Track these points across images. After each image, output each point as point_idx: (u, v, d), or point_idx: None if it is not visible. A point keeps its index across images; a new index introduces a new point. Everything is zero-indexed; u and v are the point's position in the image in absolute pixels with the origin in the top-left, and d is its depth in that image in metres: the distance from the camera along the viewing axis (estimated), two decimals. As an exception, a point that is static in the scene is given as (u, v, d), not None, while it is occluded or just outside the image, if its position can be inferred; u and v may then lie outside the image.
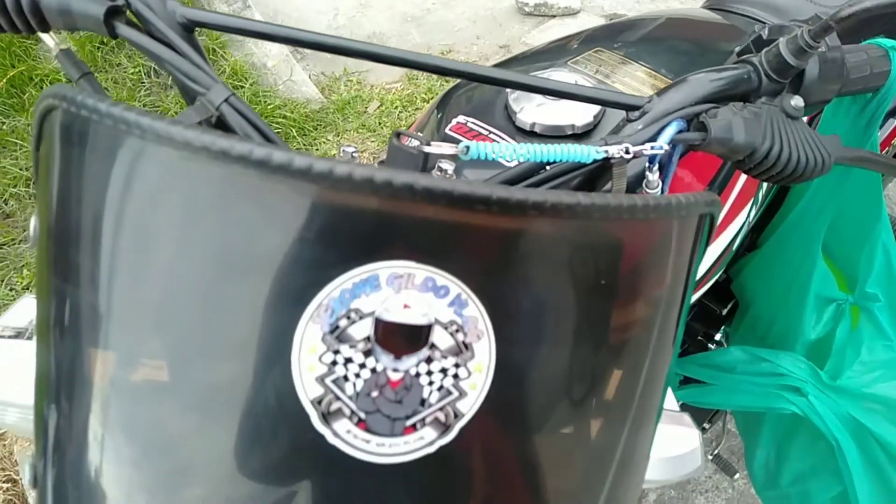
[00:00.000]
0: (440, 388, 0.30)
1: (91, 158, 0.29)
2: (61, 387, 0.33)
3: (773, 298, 0.87)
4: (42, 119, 0.32)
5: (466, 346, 0.30)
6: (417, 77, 2.36)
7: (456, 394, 0.30)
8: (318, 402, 0.29)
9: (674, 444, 0.58)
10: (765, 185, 0.82)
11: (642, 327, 0.34)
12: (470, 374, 0.30)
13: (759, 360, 0.83)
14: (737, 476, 1.34)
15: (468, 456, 0.31)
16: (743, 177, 0.76)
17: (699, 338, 1.13)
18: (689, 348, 1.11)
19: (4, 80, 2.19)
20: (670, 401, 0.62)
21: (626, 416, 0.35)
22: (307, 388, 0.29)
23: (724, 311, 1.12)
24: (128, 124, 0.28)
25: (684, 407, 0.97)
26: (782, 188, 0.98)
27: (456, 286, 0.29)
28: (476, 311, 0.30)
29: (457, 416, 0.30)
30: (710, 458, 1.33)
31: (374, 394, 0.29)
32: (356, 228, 0.28)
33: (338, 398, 0.29)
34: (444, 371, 0.30)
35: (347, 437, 0.29)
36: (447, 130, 0.66)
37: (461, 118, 0.67)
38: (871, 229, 0.76)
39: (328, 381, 0.29)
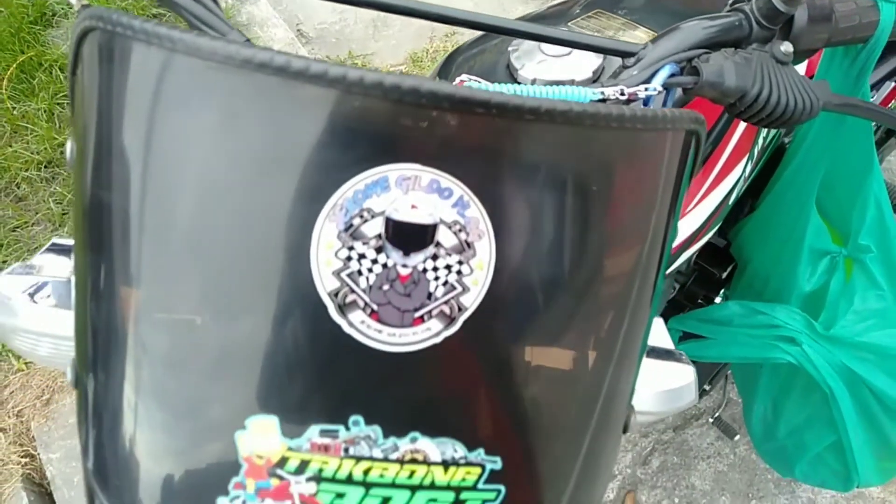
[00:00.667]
0: (445, 283, 0.33)
1: (124, 73, 0.32)
2: (99, 293, 0.36)
3: (770, 255, 0.90)
4: (79, 42, 0.35)
5: (469, 244, 0.33)
6: (422, 59, 2.38)
7: (459, 289, 0.33)
8: (334, 295, 0.32)
9: (670, 378, 0.61)
10: (760, 141, 0.84)
11: (633, 234, 0.37)
12: (472, 270, 0.33)
13: (756, 313, 0.86)
14: (737, 437, 1.37)
15: (471, 346, 0.34)
16: (737, 133, 0.79)
17: (699, 301, 1.15)
18: (688, 311, 1.14)
19: (14, 66, 2.23)
20: (667, 341, 0.65)
21: (620, 315, 0.38)
22: (325, 282, 0.32)
23: (724, 275, 1.14)
24: (159, 38, 0.31)
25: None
26: (779, 149, 1.00)
27: (458, 188, 0.32)
28: (477, 213, 0.32)
29: (460, 309, 0.33)
30: (712, 420, 1.36)
31: (386, 287, 0.32)
32: (367, 131, 0.31)
33: (352, 291, 0.32)
34: (448, 268, 0.33)
35: (361, 328, 0.32)
36: None
37: (464, 76, 0.70)
38: (864, 182, 0.78)
39: (343, 275, 0.32)
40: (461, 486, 0.35)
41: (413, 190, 0.32)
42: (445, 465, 0.35)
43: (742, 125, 0.78)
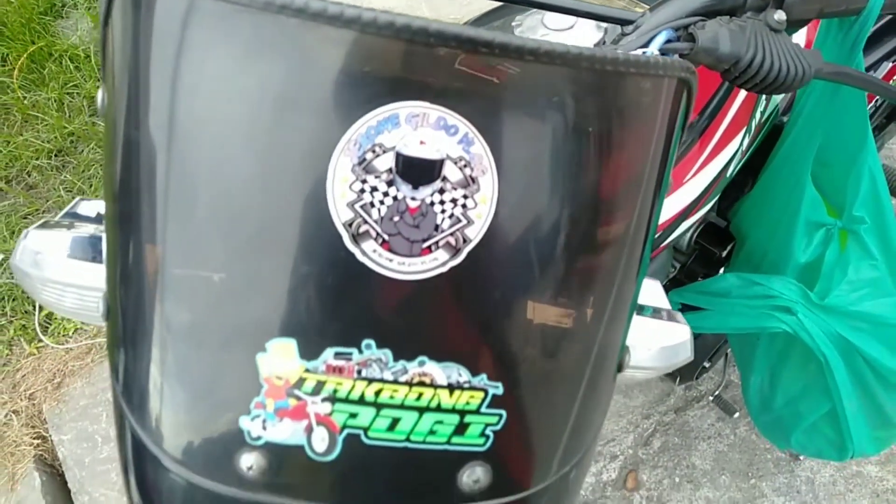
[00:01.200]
0: (451, 215, 0.35)
1: (150, 18, 0.35)
2: (129, 226, 0.38)
3: (767, 229, 0.92)
4: None
5: (473, 179, 0.35)
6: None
7: (464, 221, 0.35)
8: (349, 225, 0.34)
9: (666, 336, 0.63)
10: (757, 115, 0.86)
11: (629, 176, 0.39)
12: (476, 204, 0.35)
13: (753, 284, 0.88)
14: (736, 414, 1.39)
15: (475, 276, 0.36)
16: (735, 106, 0.81)
17: (699, 279, 1.17)
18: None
19: (25, 56, 2.26)
20: (664, 301, 0.67)
21: (617, 248, 0.40)
22: (340, 213, 0.34)
23: (724, 254, 1.16)
24: None
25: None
26: (776, 129, 1.02)
27: (464, 125, 0.34)
28: (481, 149, 0.35)
29: (465, 241, 0.35)
30: (712, 399, 1.38)
31: (396, 218, 0.35)
32: (379, 70, 0.33)
33: (365, 222, 0.34)
34: (454, 201, 0.35)
35: (374, 256, 0.35)
36: None
37: None
38: (858, 154, 0.80)
39: (357, 206, 0.34)
40: (465, 409, 0.38)
41: (422, 126, 0.34)
42: (451, 388, 0.37)
43: (739, 99, 0.80)
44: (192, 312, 0.37)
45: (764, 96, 0.87)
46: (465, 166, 0.35)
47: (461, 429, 0.38)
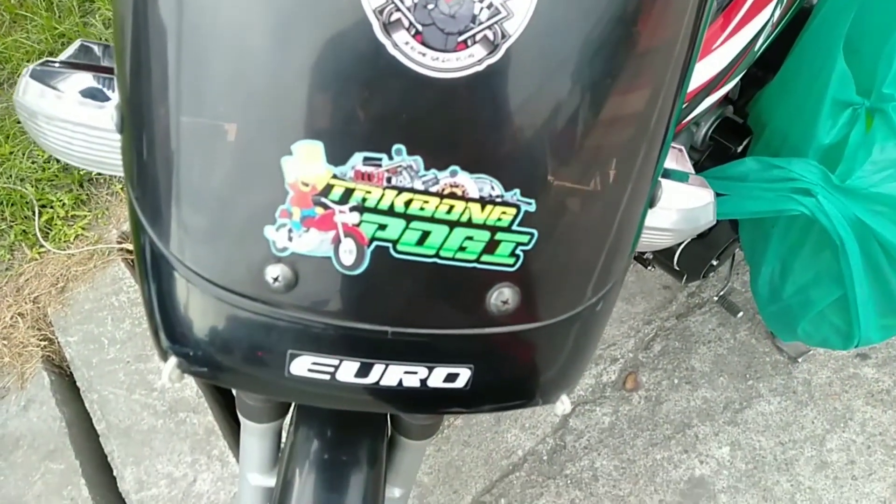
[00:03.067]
0: (490, 5, 0.32)
1: None
2: (143, 25, 0.36)
3: (790, 111, 0.89)
4: None
5: None
6: None
7: (504, 13, 0.33)
8: (379, 12, 0.32)
9: (690, 199, 0.62)
10: (789, -16, 0.82)
11: (666, 26, 0.36)
12: (517, -7, 0.33)
13: (772, 168, 0.86)
14: (740, 314, 1.40)
15: (514, 77, 0.34)
16: (768, -27, 0.76)
17: (712, 176, 1.15)
18: (702, 183, 1.14)
19: (8, -49, 2.14)
20: (687, 165, 0.65)
21: (658, 75, 0.37)
22: None
23: (739, 149, 1.14)
24: None
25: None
26: (802, 11, 0.97)
27: None
28: (525, -71, 0.32)
29: (504, 36, 0.33)
30: (717, 299, 1.39)
31: (430, 6, 0.32)
32: None
33: (397, 8, 0.32)
34: None
35: (406, 49, 0.32)
36: None
37: None
38: (892, 30, 0.76)
39: None
40: (496, 225, 0.36)
41: None
42: (483, 202, 0.36)
43: (773, -35, 0.76)
44: (212, 111, 0.35)
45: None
46: (506, -52, 0.32)
47: (491, 246, 0.37)
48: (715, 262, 1.24)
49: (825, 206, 0.82)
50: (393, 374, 0.38)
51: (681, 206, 0.61)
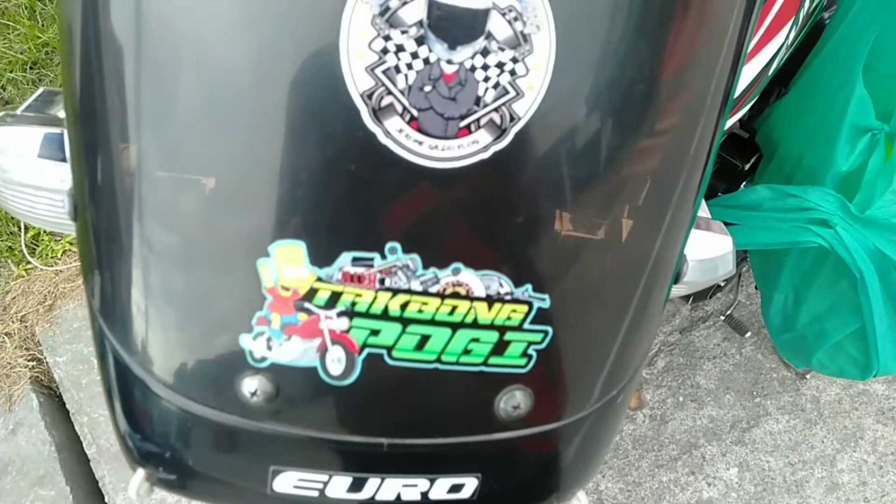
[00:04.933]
0: (496, 85, 0.28)
1: None
2: (97, 111, 0.31)
3: (804, 134, 0.85)
4: None
5: (525, 37, 0.28)
6: None
7: (513, 93, 0.28)
8: (368, 97, 0.27)
9: (707, 247, 0.57)
10: (806, 3, 0.77)
11: (706, 50, 0.32)
12: (528, 70, 0.28)
13: (786, 196, 0.82)
14: (748, 334, 1.36)
15: (524, 164, 0.29)
16: (784, -6, 0.72)
17: (720, 195, 1.11)
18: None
19: (-12, -42, 2.08)
20: (704, 209, 0.61)
21: (688, 134, 0.33)
22: (357, 80, 0.27)
23: (747, 167, 1.09)
24: None
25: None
26: (816, 26, 0.93)
27: (515, -36, 0.27)
28: (537, -3, 0.27)
29: (513, 118, 0.28)
30: (723, 318, 1.35)
31: (427, 88, 0.27)
32: None
33: (389, 92, 0.27)
34: (500, 66, 0.28)
35: (399, 137, 0.28)
36: None
37: None
38: (917, 50, 0.72)
39: (379, 71, 0.27)
40: (506, 325, 0.32)
41: (462, -35, 0.26)
42: (490, 300, 0.31)
43: (789, -15, 0.71)
44: (179, 207, 0.30)
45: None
46: (515, 19, 0.27)
47: (500, 347, 0.33)
48: (722, 283, 1.20)
49: (844, 238, 0.77)
50: (390, 488, 0.34)
51: (698, 255, 0.57)
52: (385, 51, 0.27)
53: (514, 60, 0.28)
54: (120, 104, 0.30)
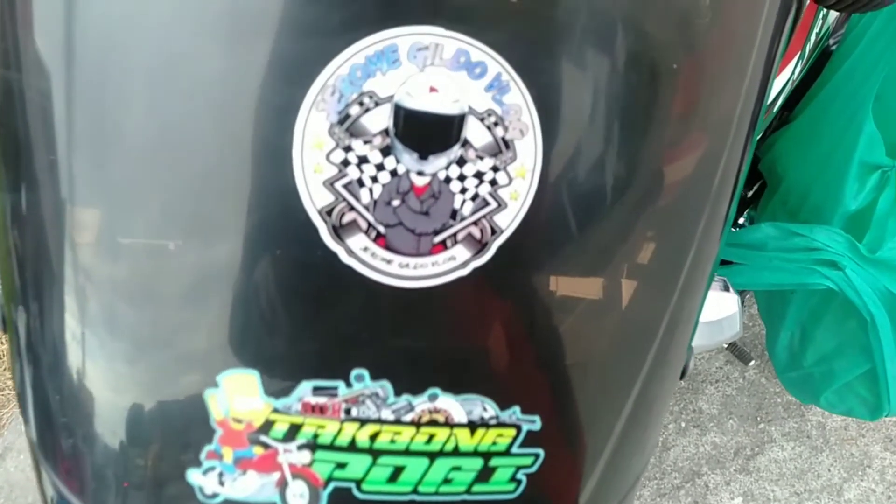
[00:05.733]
0: (475, 196, 0.24)
1: None
2: (24, 214, 0.27)
3: (810, 169, 0.81)
4: None
5: (507, 143, 0.24)
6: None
7: (494, 204, 0.25)
8: (327, 213, 0.24)
9: (712, 308, 0.54)
10: (812, 37, 0.74)
11: (716, 131, 0.28)
12: (511, 180, 0.24)
13: (792, 236, 0.78)
14: (752, 363, 1.33)
15: (506, 280, 0.26)
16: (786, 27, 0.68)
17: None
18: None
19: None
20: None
21: (690, 237, 0.30)
22: (314, 195, 0.23)
23: (750, 194, 1.06)
24: None
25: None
26: (822, 54, 0.89)
27: (495, 63, 0.23)
28: (520, 99, 0.24)
29: (494, 232, 0.25)
30: (726, 346, 1.31)
31: (396, 202, 0.24)
32: None
33: (351, 207, 0.24)
34: (479, 176, 0.24)
35: (364, 256, 0.24)
36: None
37: None
38: (928, 86, 0.68)
39: (339, 185, 0.23)
40: (491, 450, 0.28)
41: (432, 65, 0.23)
42: (472, 426, 0.28)
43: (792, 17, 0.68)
44: (120, 335, 0.26)
45: (822, 14, 0.74)
46: (495, 124, 0.24)
47: (486, 474, 0.29)
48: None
49: (853, 281, 0.74)
50: None
51: (703, 318, 0.53)
52: (346, 163, 0.23)
53: (495, 169, 0.24)
54: (56, 228, 0.26)
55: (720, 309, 0.54)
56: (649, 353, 0.32)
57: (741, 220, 1.03)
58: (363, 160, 0.23)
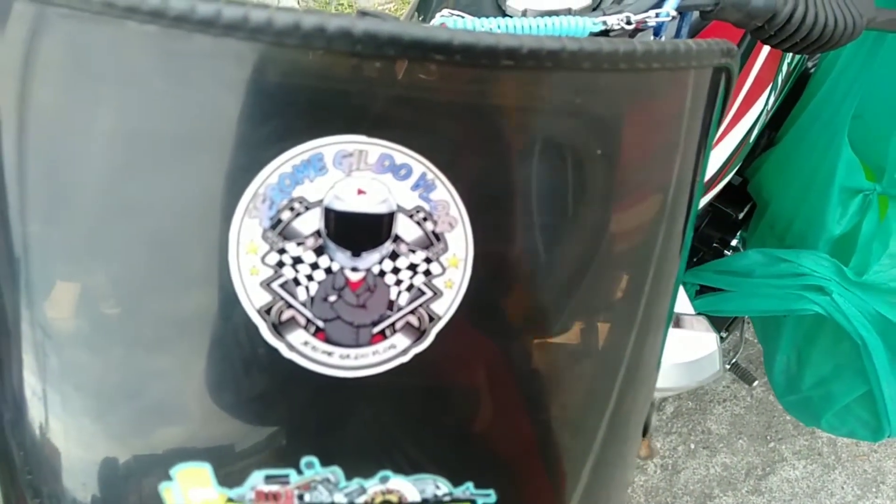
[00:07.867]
0: (410, 287, 0.25)
1: None
2: None
3: (793, 194, 0.81)
4: None
5: (437, 236, 0.25)
6: (409, -4, 2.23)
7: (429, 293, 0.25)
8: (266, 312, 0.25)
9: (690, 348, 0.54)
10: (784, 68, 0.75)
11: (650, 207, 0.29)
12: (444, 269, 0.25)
13: (779, 262, 0.78)
14: (756, 383, 1.32)
15: (448, 363, 0.27)
16: (759, 61, 0.69)
17: (714, 245, 1.07)
18: (704, 256, 1.06)
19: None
20: (685, 304, 0.58)
21: (632, 315, 0.30)
22: (252, 296, 0.24)
23: (741, 216, 1.06)
24: None
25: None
26: (802, 76, 0.90)
27: (419, 164, 0.24)
28: (446, 195, 0.25)
29: (432, 318, 0.26)
30: (728, 367, 1.30)
31: (332, 298, 0.25)
32: (287, 94, 0.23)
33: (289, 305, 0.25)
34: (412, 268, 0.25)
35: (305, 350, 0.25)
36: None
37: (445, 12, 0.60)
38: (903, 109, 0.69)
39: (275, 285, 0.24)
40: (448, 526, 0.29)
41: (358, 170, 0.24)
42: None
43: (765, 51, 0.68)
44: (71, 432, 0.27)
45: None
46: (424, 220, 0.25)
47: (444, 549, 0.29)
48: (724, 335, 1.16)
49: (841, 305, 0.74)
50: None
51: (680, 359, 0.54)
52: (281, 264, 0.24)
53: (428, 260, 0.25)
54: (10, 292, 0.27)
55: (698, 349, 0.54)
56: (605, 416, 0.32)
57: (733, 242, 1.03)
58: (297, 261, 0.24)
